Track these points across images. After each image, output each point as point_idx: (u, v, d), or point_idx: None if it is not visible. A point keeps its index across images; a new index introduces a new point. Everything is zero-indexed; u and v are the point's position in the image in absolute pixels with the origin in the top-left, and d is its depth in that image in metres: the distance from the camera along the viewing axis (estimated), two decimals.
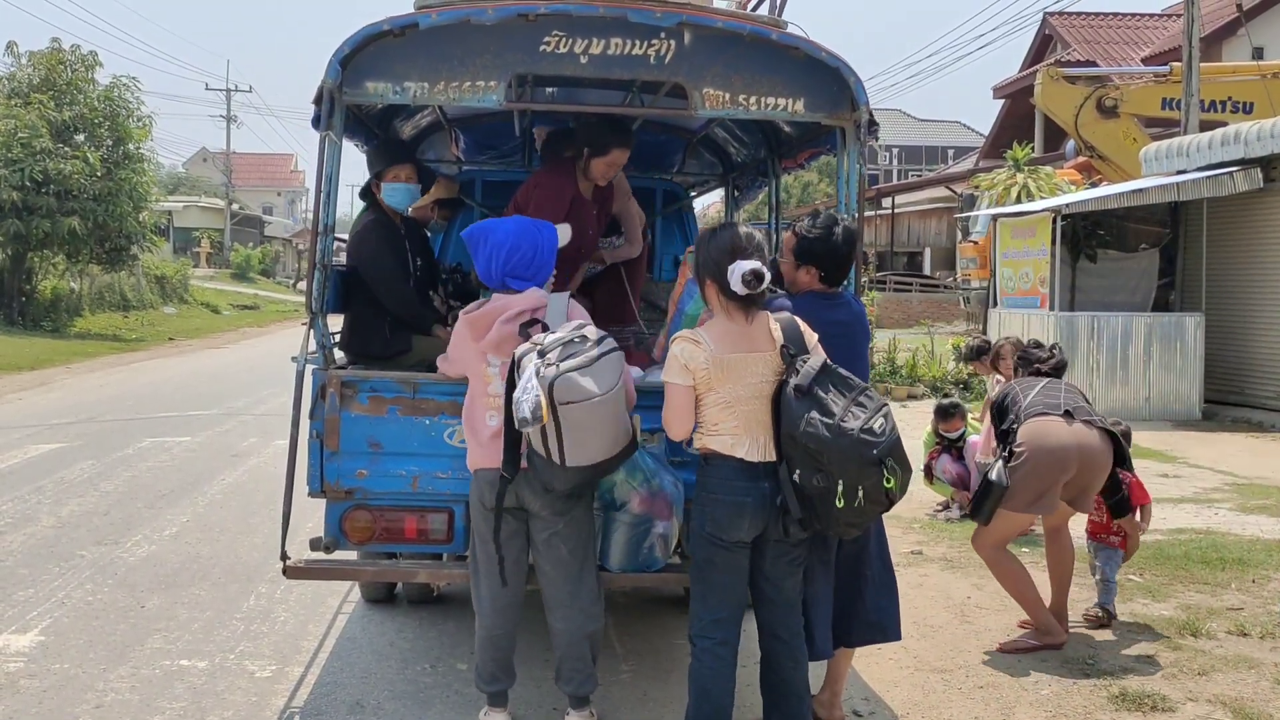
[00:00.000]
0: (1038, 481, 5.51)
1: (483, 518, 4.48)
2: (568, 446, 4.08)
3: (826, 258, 4.47)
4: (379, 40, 4.69)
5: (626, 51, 4.79)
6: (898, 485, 3.90)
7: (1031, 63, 34.25)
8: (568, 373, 4.02)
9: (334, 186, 4.91)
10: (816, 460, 3.85)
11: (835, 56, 4.79)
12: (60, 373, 19.12)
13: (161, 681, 5.14)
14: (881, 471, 3.84)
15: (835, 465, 3.83)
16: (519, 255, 4.53)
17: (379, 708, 4.88)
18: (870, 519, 4.11)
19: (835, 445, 3.81)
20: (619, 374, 4.17)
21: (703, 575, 4.24)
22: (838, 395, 3.93)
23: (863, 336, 4.62)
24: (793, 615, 4.31)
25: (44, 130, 24.91)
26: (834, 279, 4.54)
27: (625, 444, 4.21)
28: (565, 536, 4.42)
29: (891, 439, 3.89)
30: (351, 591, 6.44)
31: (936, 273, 38.67)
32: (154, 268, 35.85)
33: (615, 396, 4.11)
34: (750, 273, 3.95)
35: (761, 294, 4.04)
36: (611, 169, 5.77)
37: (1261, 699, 5.02)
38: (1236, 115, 19.02)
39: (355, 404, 4.79)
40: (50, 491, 9.11)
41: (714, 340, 4.04)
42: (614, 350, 4.22)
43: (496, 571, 4.46)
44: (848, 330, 4.47)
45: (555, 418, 4.02)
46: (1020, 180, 22.47)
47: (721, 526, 4.07)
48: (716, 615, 4.23)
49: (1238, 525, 8.31)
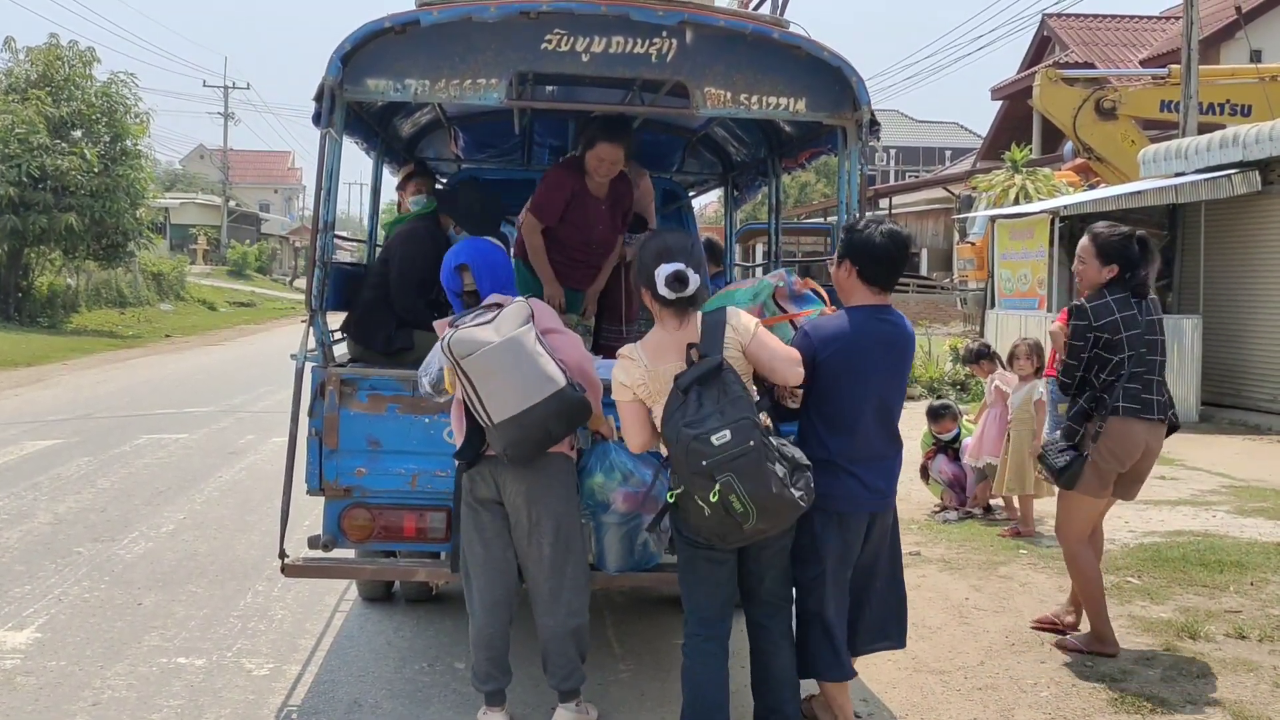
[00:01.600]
0: (1110, 471, 5.50)
1: (465, 509, 4.51)
2: (487, 401, 4.18)
3: (862, 253, 4.34)
4: (380, 37, 4.68)
5: (628, 50, 4.78)
6: (739, 502, 3.74)
7: (1030, 64, 34.24)
8: (462, 329, 4.21)
9: (334, 184, 4.91)
10: (673, 464, 3.93)
11: (837, 56, 4.79)
12: (57, 369, 19.09)
13: (158, 679, 5.12)
14: (711, 485, 3.75)
15: (680, 471, 3.88)
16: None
17: (376, 706, 4.87)
18: (734, 533, 3.89)
19: (677, 448, 3.84)
20: (520, 321, 4.26)
21: (686, 576, 4.28)
22: (709, 401, 3.85)
23: (906, 358, 4.47)
24: (777, 607, 4.34)
25: (41, 126, 24.89)
26: (878, 282, 4.36)
27: (551, 390, 4.16)
28: (545, 532, 4.43)
29: (732, 455, 3.74)
30: (349, 590, 6.43)
31: (934, 274, 38.67)
32: (151, 264, 35.80)
33: (516, 341, 4.18)
34: (672, 275, 3.98)
35: (690, 298, 4.02)
36: (604, 164, 5.75)
37: (1260, 702, 5.01)
38: (1235, 118, 19.02)
39: (354, 402, 4.79)
40: (47, 488, 9.09)
41: (648, 354, 4.09)
42: (515, 304, 4.36)
43: (482, 570, 4.48)
44: (894, 349, 4.33)
45: (465, 375, 4.17)
46: (1018, 182, 22.46)
47: (694, 528, 4.03)
48: (703, 614, 4.26)
49: (1235, 528, 8.30)
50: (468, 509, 4.50)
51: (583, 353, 4.59)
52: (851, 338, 4.21)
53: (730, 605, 4.28)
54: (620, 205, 6.09)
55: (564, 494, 4.48)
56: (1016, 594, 6.68)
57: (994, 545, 7.86)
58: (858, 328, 4.24)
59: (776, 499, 3.81)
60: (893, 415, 4.39)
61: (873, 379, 4.23)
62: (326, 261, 4.92)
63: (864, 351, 4.21)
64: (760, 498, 3.77)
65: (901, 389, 4.47)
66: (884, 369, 4.27)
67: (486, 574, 4.50)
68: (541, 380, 4.16)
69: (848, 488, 4.22)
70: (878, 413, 4.29)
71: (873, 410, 4.26)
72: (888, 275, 4.36)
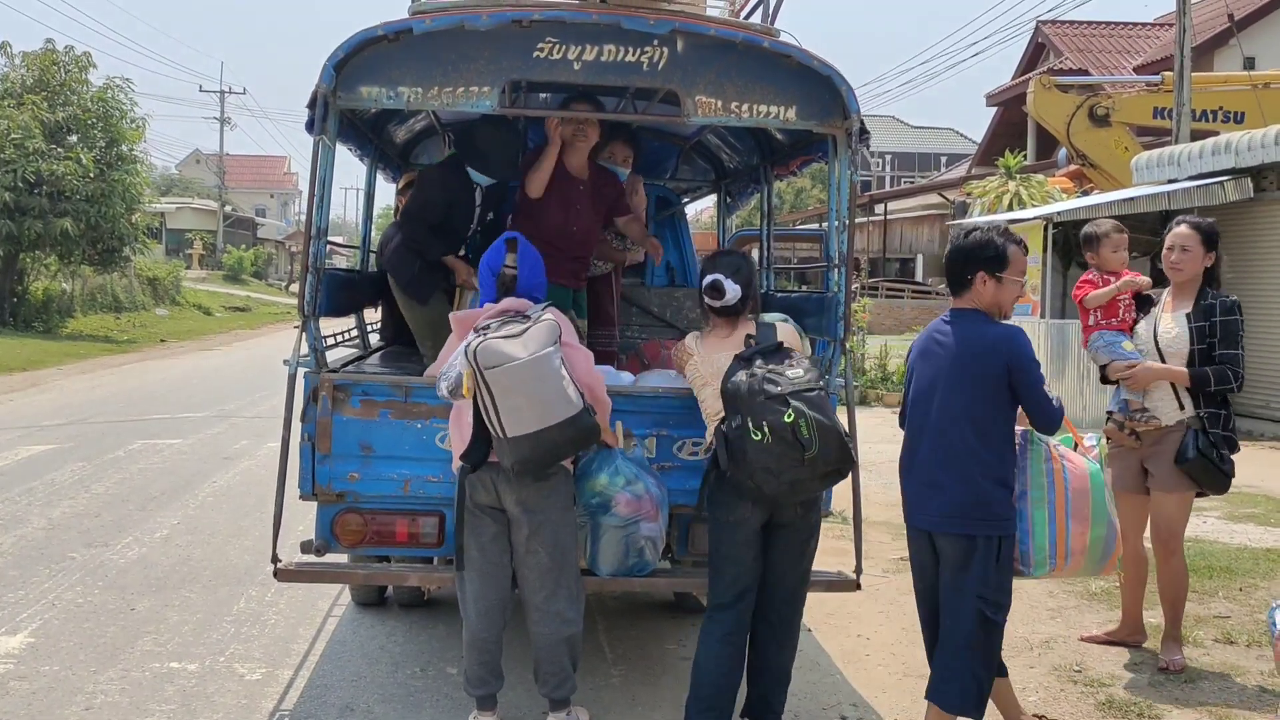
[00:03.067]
0: None
1: (469, 517, 4.52)
2: (504, 415, 4.18)
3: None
4: (373, 45, 4.71)
5: (620, 58, 4.81)
6: (806, 428, 4.05)
7: (1024, 71, 34.31)
8: (490, 339, 4.19)
9: (327, 190, 4.92)
10: (735, 405, 4.19)
11: (827, 65, 4.82)
12: (52, 374, 19.08)
13: (151, 684, 5.14)
14: (783, 410, 4.07)
15: (745, 405, 4.14)
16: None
17: (369, 711, 4.89)
18: (789, 466, 4.09)
19: (745, 388, 4.17)
20: (548, 340, 4.25)
21: (712, 560, 4.51)
22: (769, 361, 4.26)
23: (963, 366, 4.34)
24: (788, 604, 4.54)
25: (37, 131, 24.86)
26: (951, 288, 4.53)
27: (569, 414, 4.19)
28: (542, 541, 4.45)
29: (801, 387, 4.14)
30: (342, 595, 6.44)
31: (929, 279, 38.75)
32: (146, 269, 35.81)
33: (543, 360, 4.18)
34: (707, 285, 4.51)
35: (733, 306, 4.51)
36: (580, 128, 5.76)
37: (1247, 706, 5.05)
38: (1228, 125, 19.09)
39: (347, 407, 4.81)
40: (41, 493, 9.10)
41: (704, 346, 4.58)
42: (546, 320, 4.34)
43: (478, 575, 4.50)
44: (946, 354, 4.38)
45: (486, 386, 4.17)
46: (1012, 188, 22.54)
47: (724, 506, 4.36)
48: (720, 599, 4.47)
49: (1226, 534, 8.34)
50: (468, 513, 4.52)
51: (594, 372, 4.60)
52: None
53: (750, 597, 4.46)
54: (602, 196, 6.01)
55: (562, 504, 4.51)
56: None
57: None
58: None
59: (835, 430, 4.14)
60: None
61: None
62: (320, 267, 4.94)
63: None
64: (824, 428, 4.08)
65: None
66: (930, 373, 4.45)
67: (483, 579, 4.52)
68: (561, 403, 4.19)
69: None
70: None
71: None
72: (955, 283, 4.50)
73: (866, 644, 5.94)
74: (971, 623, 4.26)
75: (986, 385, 4.26)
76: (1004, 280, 4.35)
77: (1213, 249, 5.43)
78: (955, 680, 4.31)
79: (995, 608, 4.28)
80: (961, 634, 4.29)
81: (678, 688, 4.98)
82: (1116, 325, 5.64)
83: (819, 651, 5.82)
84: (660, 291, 7.73)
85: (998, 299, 4.38)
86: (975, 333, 4.32)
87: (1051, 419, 4.30)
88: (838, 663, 5.66)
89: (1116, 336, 5.60)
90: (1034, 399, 4.26)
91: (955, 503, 4.26)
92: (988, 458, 4.25)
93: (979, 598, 4.24)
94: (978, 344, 4.29)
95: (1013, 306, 4.47)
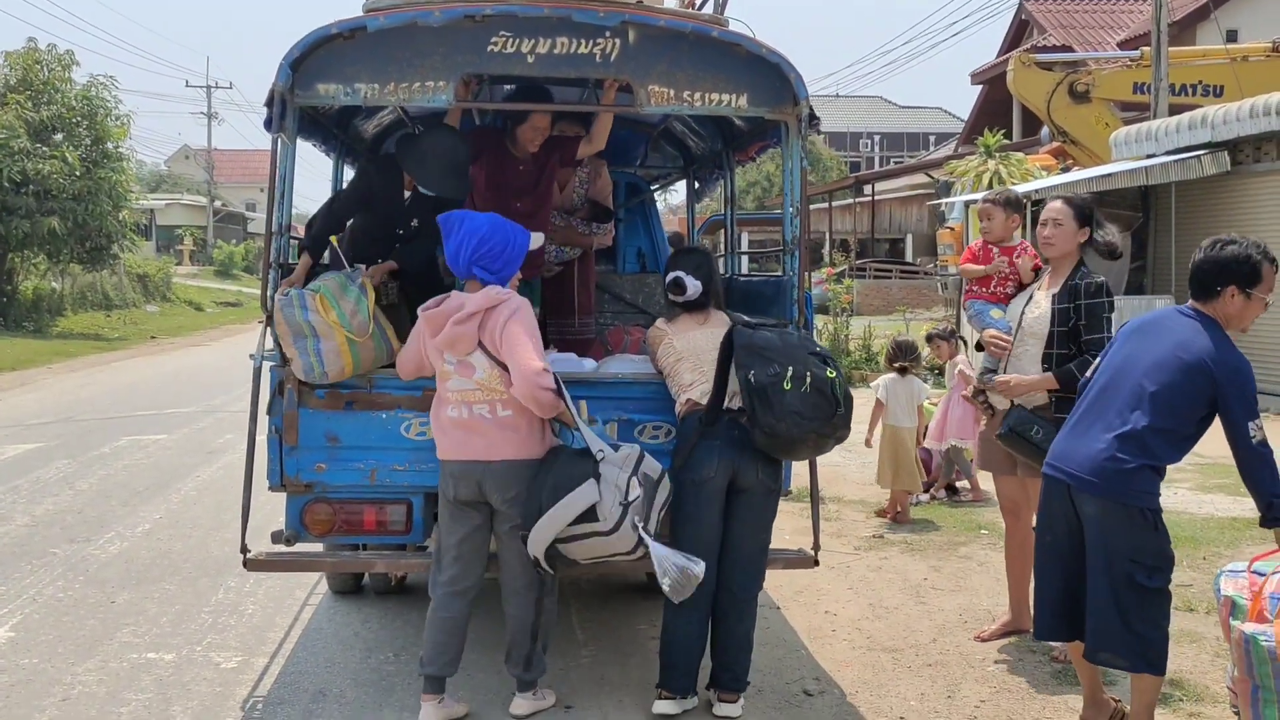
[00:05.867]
0: None
1: (444, 507, 4.63)
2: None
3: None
4: (328, 44, 4.78)
5: (573, 50, 4.89)
6: (840, 389, 4.49)
7: (1008, 48, 34.38)
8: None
9: (288, 186, 5.01)
10: (767, 356, 4.48)
11: (775, 53, 4.90)
12: (41, 373, 19.15)
13: (128, 674, 5.24)
14: (827, 367, 4.51)
15: (783, 357, 4.47)
16: (488, 246, 4.58)
17: (341, 695, 5.00)
18: (818, 418, 4.44)
19: (783, 342, 4.55)
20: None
21: (673, 525, 4.69)
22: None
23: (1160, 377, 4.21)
24: (746, 574, 4.73)
25: (21, 130, 24.86)
26: (1196, 294, 4.35)
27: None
28: (525, 529, 4.52)
29: (828, 350, 4.74)
30: (320, 584, 6.55)
31: (918, 259, 38.81)
32: (136, 266, 35.79)
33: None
34: (670, 282, 4.93)
35: (696, 300, 4.86)
36: (538, 133, 5.87)
37: (1200, 671, 5.17)
38: (1208, 99, 19.15)
39: (313, 399, 4.89)
40: (25, 491, 9.20)
41: (672, 328, 4.95)
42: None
43: (455, 562, 4.60)
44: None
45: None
46: (991, 167, 22.61)
47: (690, 467, 4.63)
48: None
49: (1194, 504, 8.46)
50: (448, 505, 4.61)
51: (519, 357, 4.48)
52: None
53: (711, 562, 4.58)
54: (546, 168, 6.04)
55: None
56: (974, 573, 6.83)
57: (956, 526, 8.01)
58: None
59: (852, 401, 4.60)
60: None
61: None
62: (283, 264, 5.04)
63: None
64: (849, 397, 4.56)
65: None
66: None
67: (463, 566, 4.61)
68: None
69: None
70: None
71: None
72: (1198, 291, 4.35)
73: (833, 620, 6.05)
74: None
75: (1190, 395, 4.13)
76: (1253, 297, 4.23)
77: (1086, 225, 5.24)
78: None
79: (1149, 572, 4.19)
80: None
81: (647, 668, 5.09)
82: (988, 295, 5.67)
83: (785, 628, 5.94)
84: (631, 278, 7.82)
85: (1242, 315, 4.26)
86: (1203, 344, 4.17)
87: (1246, 461, 4.14)
88: (803, 638, 5.77)
89: (985, 306, 5.62)
90: (1233, 435, 4.14)
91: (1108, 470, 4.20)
92: (1157, 450, 4.18)
93: (1131, 561, 4.17)
94: (1202, 355, 4.14)
95: (1250, 324, 4.36)
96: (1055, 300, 5.26)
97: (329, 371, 4.76)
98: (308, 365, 4.75)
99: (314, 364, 4.74)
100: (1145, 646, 4.19)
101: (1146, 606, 4.18)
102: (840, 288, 21.76)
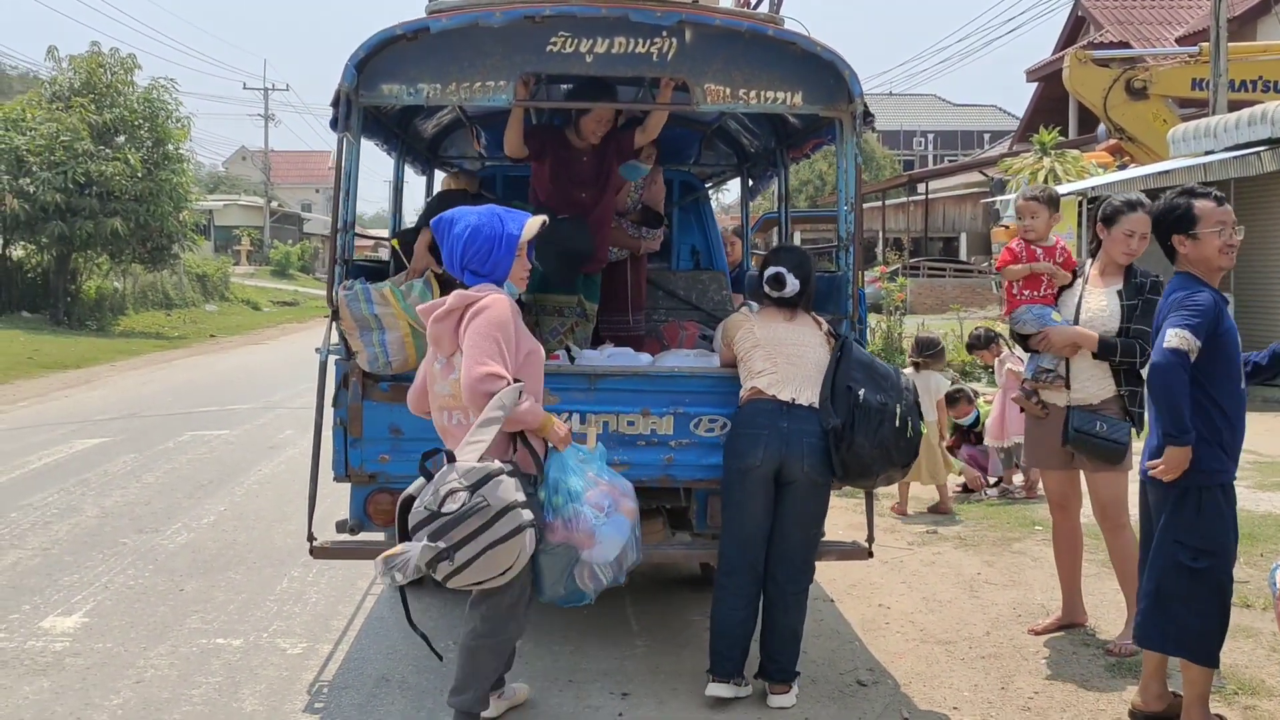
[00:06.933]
0: None
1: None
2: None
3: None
4: (392, 44, 4.91)
5: (630, 50, 4.99)
6: (916, 438, 4.82)
7: (1064, 45, 34.05)
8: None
9: (353, 185, 5.15)
10: (879, 383, 4.76)
11: (830, 50, 4.96)
12: (105, 370, 19.55)
13: (198, 658, 5.40)
14: (921, 419, 4.89)
15: (894, 391, 4.77)
16: (474, 248, 4.32)
17: (403, 681, 5.12)
18: (897, 464, 4.79)
19: (896, 376, 4.88)
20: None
21: (724, 515, 4.86)
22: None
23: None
24: (793, 565, 4.81)
25: (85, 133, 25.34)
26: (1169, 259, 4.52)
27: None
28: None
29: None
30: None
31: (972, 258, 38.57)
32: (195, 266, 36.39)
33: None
34: (770, 277, 4.99)
35: (791, 299, 4.95)
36: (601, 124, 6.02)
37: (1256, 665, 5.16)
38: (1268, 95, 18.93)
39: (376, 392, 5.02)
40: (94, 484, 9.44)
41: (758, 316, 5.08)
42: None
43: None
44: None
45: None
46: (1047, 164, 22.44)
47: (737, 454, 4.77)
48: (729, 553, 4.81)
49: (1252, 501, 8.40)
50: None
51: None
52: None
53: (758, 553, 4.77)
54: (606, 159, 6.16)
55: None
56: (1028, 568, 6.84)
57: (1009, 523, 8.01)
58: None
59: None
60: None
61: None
62: (347, 260, 5.18)
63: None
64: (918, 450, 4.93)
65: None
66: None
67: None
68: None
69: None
70: None
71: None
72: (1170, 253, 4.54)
73: (886, 613, 6.10)
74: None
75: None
76: (1200, 236, 4.32)
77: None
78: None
79: (1193, 554, 4.21)
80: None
81: (700, 658, 5.15)
82: (1041, 299, 5.63)
83: (839, 620, 5.99)
84: (685, 275, 7.89)
85: (1205, 256, 4.34)
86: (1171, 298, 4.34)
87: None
88: (858, 630, 5.82)
89: (1044, 310, 5.58)
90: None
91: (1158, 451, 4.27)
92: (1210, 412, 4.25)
93: (1175, 542, 4.23)
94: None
95: (1224, 256, 4.38)
96: (1123, 297, 5.37)
97: (394, 362, 4.89)
98: (373, 356, 4.88)
99: (379, 355, 4.88)
100: (1182, 631, 4.22)
101: (1189, 590, 4.21)
102: (893, 285, 21.70)
